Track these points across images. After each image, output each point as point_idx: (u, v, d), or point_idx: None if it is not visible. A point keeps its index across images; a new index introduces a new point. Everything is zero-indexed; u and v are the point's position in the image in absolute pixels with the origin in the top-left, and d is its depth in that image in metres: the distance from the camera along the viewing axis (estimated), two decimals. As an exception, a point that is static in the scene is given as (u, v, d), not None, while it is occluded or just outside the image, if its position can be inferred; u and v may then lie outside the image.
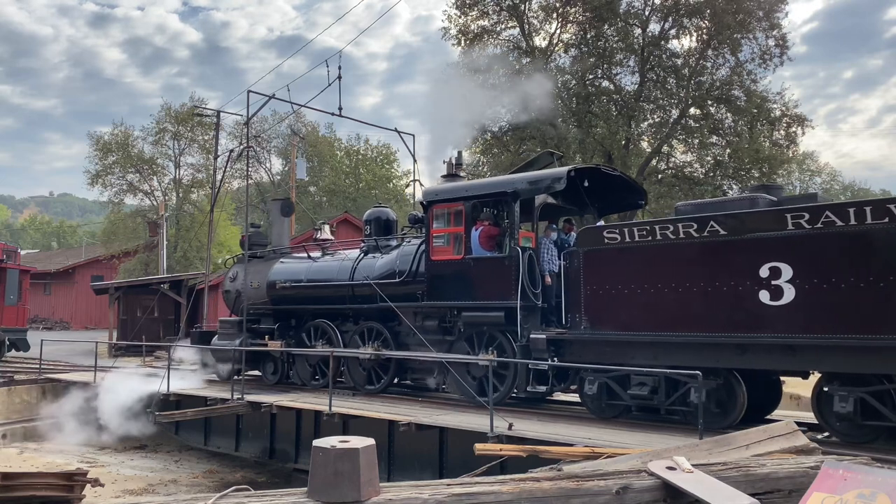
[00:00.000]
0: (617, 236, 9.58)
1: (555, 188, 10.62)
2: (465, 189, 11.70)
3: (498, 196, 11.22)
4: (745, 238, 8.53)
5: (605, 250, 9.72)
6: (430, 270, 11.68)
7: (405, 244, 12.94)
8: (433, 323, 11.96)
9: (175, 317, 28.46)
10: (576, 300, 10.01)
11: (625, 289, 9.50)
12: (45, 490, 6.79)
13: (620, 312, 9.54)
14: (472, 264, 11.16)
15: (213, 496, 3.34)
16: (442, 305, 11.67)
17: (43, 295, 45.45)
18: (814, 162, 58.05)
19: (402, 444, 10.75)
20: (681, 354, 9.05)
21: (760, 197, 9.15)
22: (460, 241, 11.38)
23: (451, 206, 11.60)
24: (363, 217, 14.90)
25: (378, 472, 3.48)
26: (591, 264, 9.83)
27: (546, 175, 11.01)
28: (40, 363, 18.96)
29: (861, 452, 6.79)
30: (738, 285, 8.54)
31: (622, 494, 3.89)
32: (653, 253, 9.23)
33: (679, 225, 9.02)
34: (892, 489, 3.68)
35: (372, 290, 12.63)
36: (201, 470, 13.67)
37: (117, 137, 44.52)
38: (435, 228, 11.73)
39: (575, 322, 10.01)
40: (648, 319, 9.27)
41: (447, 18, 31.14)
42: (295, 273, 14.50)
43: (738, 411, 8.90)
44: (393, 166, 54.69)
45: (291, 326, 14.80)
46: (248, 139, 24.14)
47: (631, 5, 29.18)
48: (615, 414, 9.91)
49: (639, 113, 29.12)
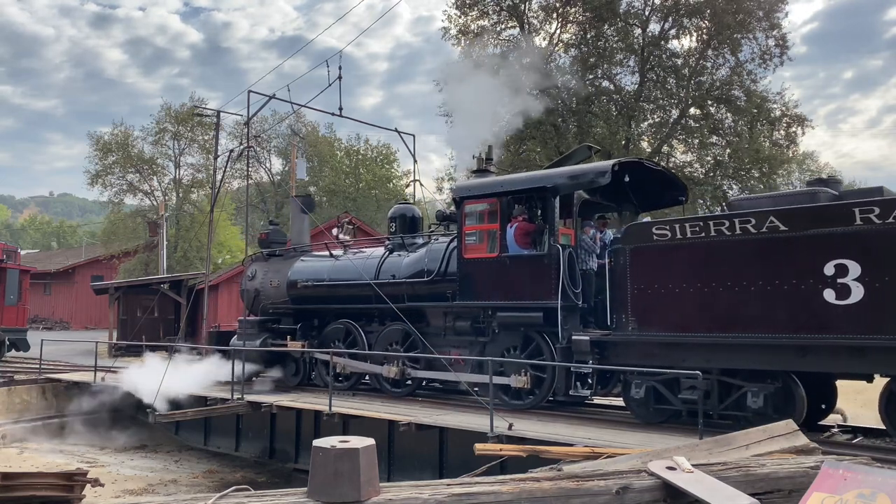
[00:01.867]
0: (667, 232, 9.09)
1: (598, 183, 10.10)
2: (500, 184, 11.21)
3: (536, 191, 10.68)
4: (808, 234, 8.08)
5: (653, 247, 9.23)
6: (462, 269, 11.21)
7: (433, 242, 12.54)
8: (465, 323, 11.52)
9: (175, 317, 28.46)
10: (622, 299, 9.54)
11: (675, 287, 9.03)
12: (45, 490, 6.78)
13: (670, 312, 9.08)
14: (508, 262, 10.69)
15: (213, 496, 3.34)
16: (475, 305, 11.21)
17: (43, 295, 45.43)
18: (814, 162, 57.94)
19: (402, 444, 10.75)
20: (736, 356, 8.66)
21: (821, 191, 8.70)
22: (495, 238, 10.93)
23: (484, 201, 11.16)
24: (388, 214, 14.41)
25: (378, 472, 3.48)
26: (639, 262, 9.35)
27: (589, 169, 10.49)
28: (40, 363, 18.94)
29: (861, 452, 6.80)
30: (800, 284, 8.10)
31: (622, 494, 3.89)
32: (706, 250, 8.79)
33: (735, 220, 8.56)
34: (892, 489, 3.68)
35: (398, 289, 12.31)
36: (201, 470, 13.66)
37: (117, 137, 44.52)
38: (467, 225, 11.28)
39: (621, 322, 9.53)
40: (701, 320, 8.83)
41: (447, 18, 31.17)
42: (317, 272, 14.03)
43: (797, 416, 8.30)
44: (393, 166, 54.67)
45: (314, 326, 14.33)
46: (248, 139, 24.11)
47: (631, 5, 29.20)
48: (663, 419, 9.46)
49: (639, 113, 29.11)
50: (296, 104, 17.68)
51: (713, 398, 8.74)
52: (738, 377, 8.75)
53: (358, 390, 13.28)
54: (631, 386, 9.52)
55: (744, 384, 8.61)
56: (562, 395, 10.34)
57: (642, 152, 30.39)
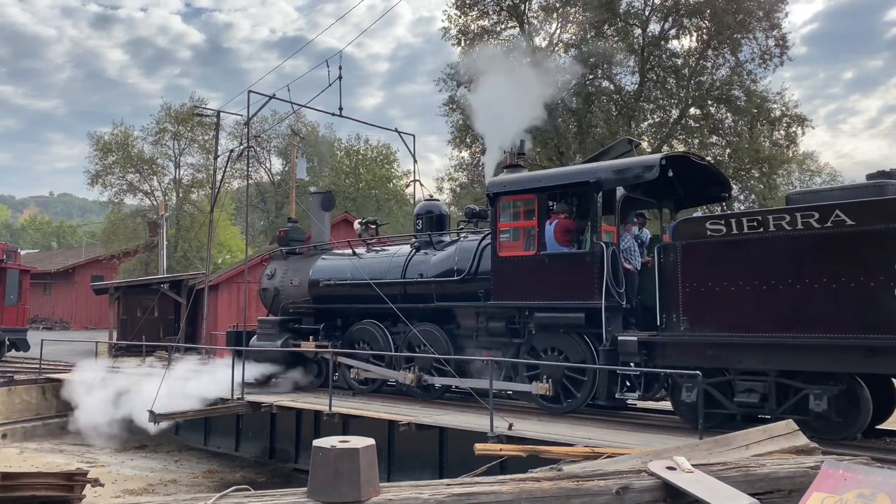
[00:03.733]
0: (721, 228, 8.66)
1: (644, 178, 9.58)
2: (538, 179, 10.77)
3: (578, 186, 10.24)
4: (877, 229, 7.64)
5: (707, 244, 8.79)
6: (496, 268, 10.77)
7: (462, 240, 12.20)
8: (499, 324, 11.09)
9: (175, 317, 28.44)
10: (672, 298, 9.08)
11: (731, 286, 8.58)
12: (45, 490, 6.78)
13: (725, 311, 8.63)
14: (547, 261, 10.23)
15: (213, 496, 3.34)
16: (512, 305, 10.76)
17: (43, 295, 45.42)
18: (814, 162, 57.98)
19: (402, 444, 10.73)
20: (797, 357, 8.21)
21: (888, 184, 8.26)
22: (532, 235, 10.47)
23: (521, 197, 10.70)
24: (414, 211, 14.06)
25: (378, 472, 3.48)
26: (691, 259, 8.91)
27: (635, 163, 9.94)
28: (40, 363, 18.94)
29: (861, 452, 6.79)
30: (868, 281, 7.67)
31: (622, 494, 3.89)
32: (765, 246, 8.35)
33: (797, 215, 8.11)
34: (892, 489, 3.68)
35: (426, 288, 12.02)
36: (201, 470, 13.66)
37: (117, 137, 44.52)
38: (502, 222, 10.85)
39: (671, 322, 9.08)
40: (759, 319, 8.36)
41: (447, 18, 31.20)
42: (339, 270, 13.63)
43: (862, 419, 8.06)
44: (393, 166, 54.66)
45: (337, 327, 13.89)
46: (248, 139, 24.11)
47: (631, 5, 29.21)
48: (715, 424, 8.84)
49: (639, 113, 29.13)
50: (296, 104, 17.68)
51: (771, 401, 8.35)
52: (797, 379, 8.34)
53: (383, 393, 13.04)
54: (682, 389, 9.00)
55: (804, 386, 8.18)
56: (603, 399, 9.92)
57: (642, 152, 30.40)
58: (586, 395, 10.02)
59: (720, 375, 8.82)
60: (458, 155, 33.14)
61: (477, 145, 31.54)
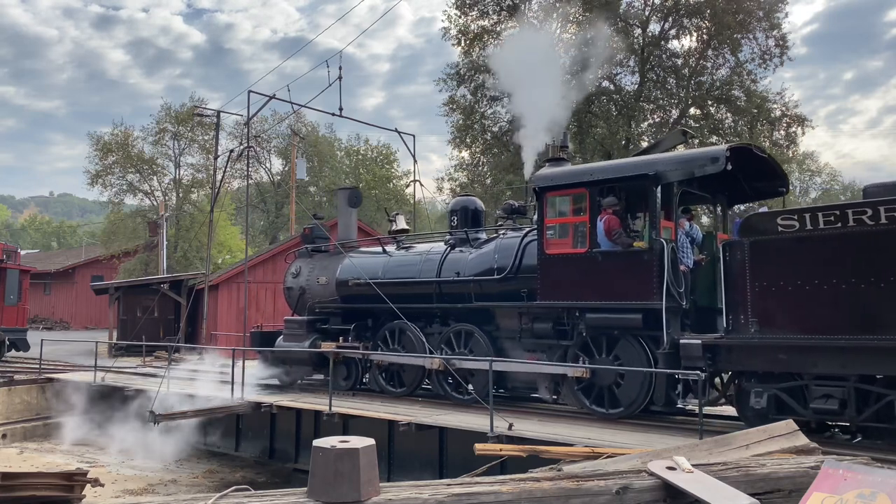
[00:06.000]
0: (795, 223, 8.14)
1: (708, 171, 9.05)
2: (590, 172, 10.20)
3: (636, 180, 9.67)
4: None
5: (778, 240, 8.28)
6: (543, 266, 10.25)
7: (502, 237, 11.78)
8: (545, 326, 10.59)
9: (175, 317, 28.45)
10: (740, 299, 8.57)
11: (805, 285, 8.06)
12: (45, 490, 6.77)
13: (800, 312, 8.11)
14: (600, 259, 9.73)
15: (213, 496, 3.34)
16: (561, 306, 10.24)
17: (43, 295, 45.45)
18: (814, 162, 58.02)
19: (402, 444, 10.73)
20: (881, 361, 7.69)
21: None
22: (583, 232, 10.00)
23: (571, 192, 10.24)
24: (448, 207, 13.58)
25: (378, 472, 3.48)
26: (761, 257, 8.41)
27: (699, 155, 9.42)
28: (40, 363, 18.95)
29: (861, 452, 6.78)
30: None
31: (622, 494, 3.89)
32: (844, 242, 7.83)
33: (880, 208, 7.59)
34: (892, 489, 3.68)
35: (464, 287, 11.67)
36: (201, 470, 13.65)
37: (117, 138, 44.51)
38: (549, 218, 10.37)
39: (739, 324, 8.57)
40: (837, 320, 7.89)
41: (447, 18, 31.21)
42: (369, 269, 13.16)
43: None
44: (393, 166, 54.66)
45: (368, 327, 13.42)
46: (248, 139, 24.15)
47: (631, 5, 29.22)
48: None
49: (639, 113, 29.12)
50: (296, 104, 17.74)
51: (850, 408, 7.86)
52: (878, 384, 7.85)
53: (419, 396, 12.61)
54: (750, 395, 8.50)
55: (889, 392, 7.68)
56: (661, 404, 9.45)
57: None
58: (642, 399, 9.52)
59: (791, 380, 8.36)
60: (458, 155, 33.18)
61: (477, 145, 31.57)
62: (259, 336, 15.24)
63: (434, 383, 12.27)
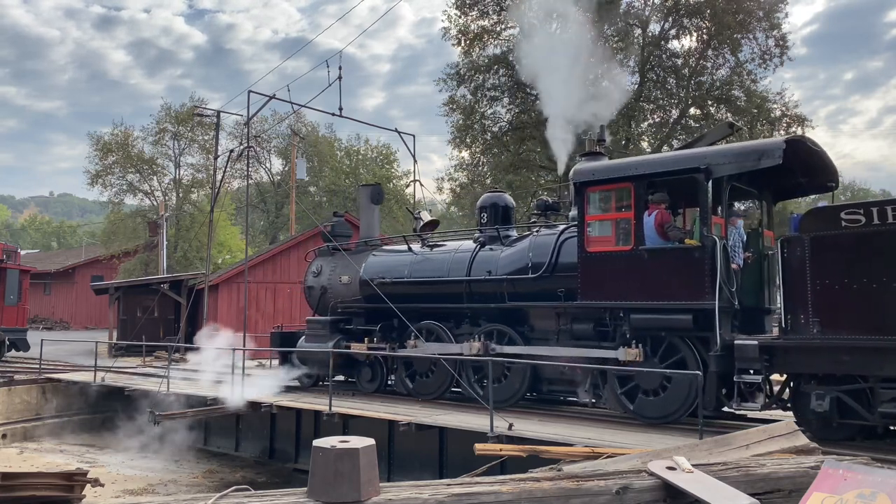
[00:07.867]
0: (860, 217, 7.75)
1: (762, 165, 8.62)
2: (636, 166, 9.76)
3: (686, 173, 9.21)
4: None
5: (842, 236, 7.89)
6: (584, 264, 9.84)
7: (536, 234, 11.39)
8: (586, 326, 10.21)
9: (175, 317, 28.44)
10: (800, 298, 8.17)
11: (873, 282, 7.64)
12: (45, 490, 6.77)
13: (866, 311, 7.72)
14: (647, 257, 9.30)
15: (213, 496, 3.34)
16: (604, 306, 9.84)
17: (43, 295, 45.45)
18: (814, 162, 58.01)
19: (402, 444, 10.73)
20: None
21: None
22: (627, 228, 9.58)
23: (614, 186, 9.82)
24: (477, 203, 13.09)
25: (378, 472, 3.48)
26: (823, 253, 8.02)
27: (755, 148, 8.95)
28: (40, 363, 18.95)
29: (861, 452, 6.78)
30: None
31: (622, 494, 3.89)
32: None
33: None
34: (892, 489, 3.68)
35: (496, 287, 11.25)
36: (201, 470, 13.66)
37: (117, 138, 44.51)
38: (591, 214, 9.97)
39: (799, 324, 8.17)
40: None
41: (447, 18, 31.19)
42: (395, 268, 12.79)
43: None
44: (393, 166, 54.64)
45: (394, 328, 12.85)
46: (248, 139, 24.14)
47: (631, 5, 29.22)
48: (848, 436, 8.16)
49: (639, 113, 29.13)
50: (296, 104, 17.70)
51: None
52: None
53: (448, 401, 12.15)
54: (812, 398, 8.09)
55: None
56: (710, 409, 8.97)
57: (642, 152, 30.41)
58: (689, 405, 9.09)
59: (854, 382, 7.97)
60: (458, 155, 33.16)
61: (477, 145, 31.55)
62: (279, 336, 14.89)
63: (464, 385, 11.52)
